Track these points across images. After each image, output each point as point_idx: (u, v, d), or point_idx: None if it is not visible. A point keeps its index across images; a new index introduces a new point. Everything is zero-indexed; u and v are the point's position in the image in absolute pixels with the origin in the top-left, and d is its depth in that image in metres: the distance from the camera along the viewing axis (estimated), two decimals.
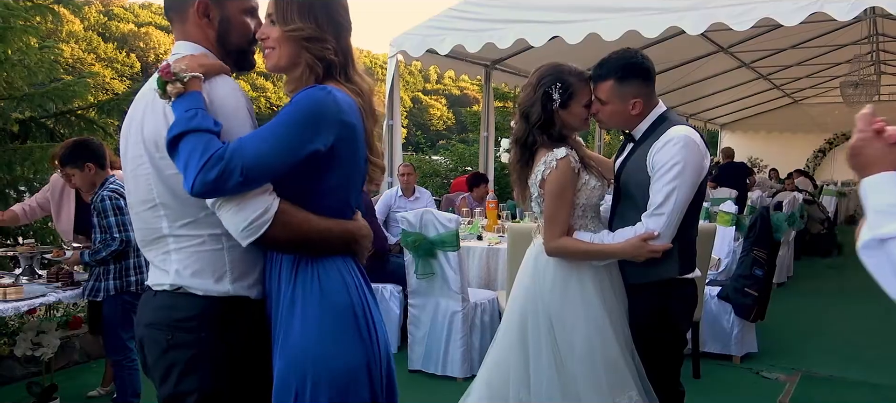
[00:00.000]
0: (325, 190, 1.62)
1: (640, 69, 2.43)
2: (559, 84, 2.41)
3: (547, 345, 2.42)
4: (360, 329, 1.61)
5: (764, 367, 4.64)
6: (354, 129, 1.62)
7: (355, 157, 1.66)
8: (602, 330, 2.37)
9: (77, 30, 44.05)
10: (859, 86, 9.64)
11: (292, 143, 1.52)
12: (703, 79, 10.73)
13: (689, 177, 2.30)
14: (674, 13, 5.35)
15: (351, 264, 1.66)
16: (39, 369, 4.17)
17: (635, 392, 2.34)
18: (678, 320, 2.47)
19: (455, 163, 14.54)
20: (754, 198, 7.57)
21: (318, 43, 1.63)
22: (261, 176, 1.50)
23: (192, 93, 1.53)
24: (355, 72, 1.70)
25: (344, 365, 1.57)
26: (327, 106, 1.56)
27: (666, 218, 2.30)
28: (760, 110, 15.83)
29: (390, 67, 6.98)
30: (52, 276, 3.68)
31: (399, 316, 4.98)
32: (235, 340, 1.62)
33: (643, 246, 2.30)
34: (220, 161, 1.44)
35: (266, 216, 1.52)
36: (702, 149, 2.35)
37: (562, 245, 2.39)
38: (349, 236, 1.65)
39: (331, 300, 1.59)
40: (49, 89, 5.29)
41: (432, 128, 51.83)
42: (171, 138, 1.49)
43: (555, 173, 2.36)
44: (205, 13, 1.69)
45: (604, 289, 2.41)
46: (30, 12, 4.96)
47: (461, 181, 8.20)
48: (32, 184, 5.32)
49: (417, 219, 4.37)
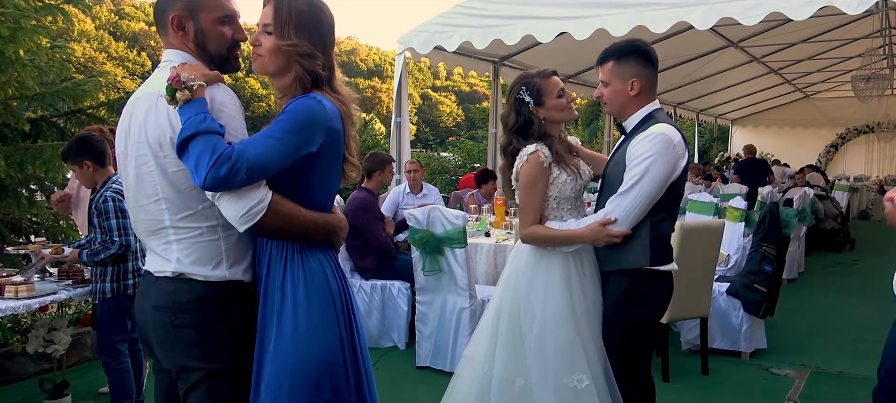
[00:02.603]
0: (311, 185, 1.83)
1: (638, 50, 2.55)
2: (525, 87, 2.62)
3: (512, 324, 2.62)
4: (338, 315, 1.83)
5: (773, 363, 4.62)
6: (339, 135, 1.85)
7: (337, 159, 1.88)
8: (557, 314, 2.52)
9: (89, 29, 44.31)
10: (871, 80, 9.56)
11: (290, 147, 1.73)
12: (714, 74, 10.68)
13: (659, 172, 2.39)
14: (682, 8, 5.33)
15: (330, 255, 1.89)
16: (51, 366, 4.21)
17: (586, 376, 2.47)
18: (646, 310, 2.52)
19: (464, 159, 14.54)
20: (764, 194, 7.51)
21: (310, 59, 1.82)
22: (261, 173, 1.71)
23: (199, 99, 1.71)
24: (338, 83, 1.90)
25: (328, 346, 1.80)
26: (319, 114, 1.79)
27: (627, 205, 2.42)
28: (771, 105, 15.75)
29: (398, 65, 6.99)
30: (63, 274, 3.71)
31: (407, 312, 4.99)
32: (233, 320, 1.82)
33: (602, 231, 2.44)
34: (228, 160, 1.64)
35: (261, 205, 1.72)
36: (678, 149, 2.43)
37: (532, 232, 2.58)
38: (329, 227, 1.87)
39: (316, 286, 1.81)
40: (60, 88, 5.34)
41: (442, 124, 51.82)
42: (182, 139, 1.67)
43: (525, 166, 2.56)
44: (180, 26, 1.85)
45: (570, 277, 2.55)
46: (40, 12, 4.99)
47: (470, 178, 8.20)
48: (43, 183, 5.36)
49: (425, 216, 4.38)
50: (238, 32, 1.90)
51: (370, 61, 64.70)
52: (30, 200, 5.27)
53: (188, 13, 1.83)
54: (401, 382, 4.37)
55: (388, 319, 5.05)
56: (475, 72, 8.26)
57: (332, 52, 1.90)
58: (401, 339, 5.01)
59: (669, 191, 2.46)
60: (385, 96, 47.34)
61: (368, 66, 63.51)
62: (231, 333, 1.81)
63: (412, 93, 41.96)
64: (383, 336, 5.05)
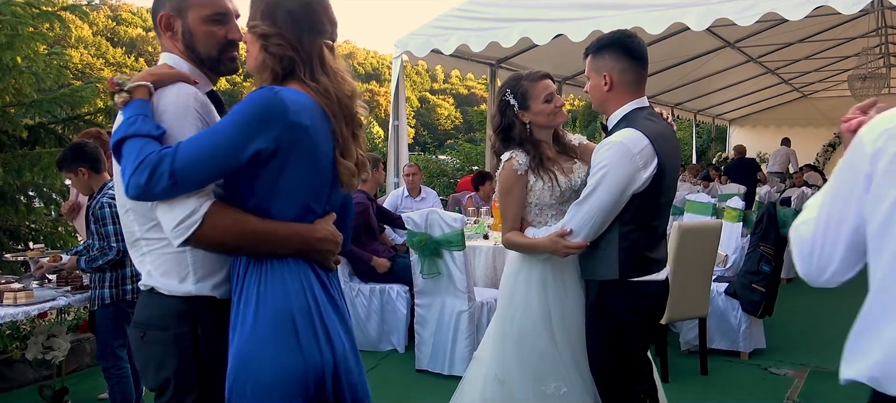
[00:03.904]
0: (277, 192, 1.60)
1: (614, 43, 2.41)
2: (510, 89, 2.60)
3: (497, 322, 2.70)
4: (300, 336, 1.56)
5: (772, 363, 4.63)
6: (307, 131, 1.58)
7: (313, 160, 1.61)
8: (535, 321, 2.54)
9: (86, 35, 44.30)
10: (868, 79, 9.56)
11: (228, 145, 1.52)
12: (711, 75, 10.70)
13: (613, 183, 2.28)
14: (678, 9, 5.35)
15: (305, 268, 1.62)
16: (50, 372, 4.21)
17: (563, 384, 2.50)
18: (619, 320, 2.40)
19: (462, 162, 14.55)
20: (762, 194, 7.53)
21: (273, 40, 1.63)
22: (192, 178, 1.51)
23: (136, 100, 1.59)
24: (324, 73, 1.66)
25: (272, 373, 1.54)
26: (272, 106, 1.54)
27: (581, 217, 2.35)
28: (769, 105, 15.74)
29: (395, 68, 7.00)
30: (62, 280, 3.71)
31: (406, 315, 4.99)
32: (199, 339, 1.65)
33: (559, 242, 2.40)
34: (150, 165, 1.48)
35: (194, 216, 1.52)
36: (639, 159, 2.27)
37: (508, 239, 2.61)
38: (299, 240, 1.61)
39: (268, 305, 1.57)
40: (57, 95, 5.34)
41: (440, 127, 51.80)
42: (113, 144, 1.55)
43: (501, 173, 2.60)
44: (168, 27, 1.74)
45: (547, 283, 2.54)
46: (37, 19, 5.00)
47: (467, 180, 8.20)
48: (42, 190, 5.37)
49: (423, 219, 4.39)
50: (232, 32, 1.75)
51: (368, 65, 64.72)
52: (28, 207, 5.27)
53: (176, 12, 1.72)
54: (400, 385, 4.37)
55: (387, 322, 5.06)
56: (472, 74, 8.26)
57: (316, 38, 1.67)
58: (400, 342, 5.01)
59: (640, 201, 2.33)
60: (383, 99, 47.33)
61: (366, 69, 63.53)
62: (197, 354, 1.65)
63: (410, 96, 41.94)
64: (382, 339, 5.06)
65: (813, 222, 1.38)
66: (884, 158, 1.23)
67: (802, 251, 1.39)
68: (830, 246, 1.34)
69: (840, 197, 1.33)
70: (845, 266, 1.34)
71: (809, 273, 1.39)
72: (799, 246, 1.40)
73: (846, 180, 1.32)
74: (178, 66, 1.74)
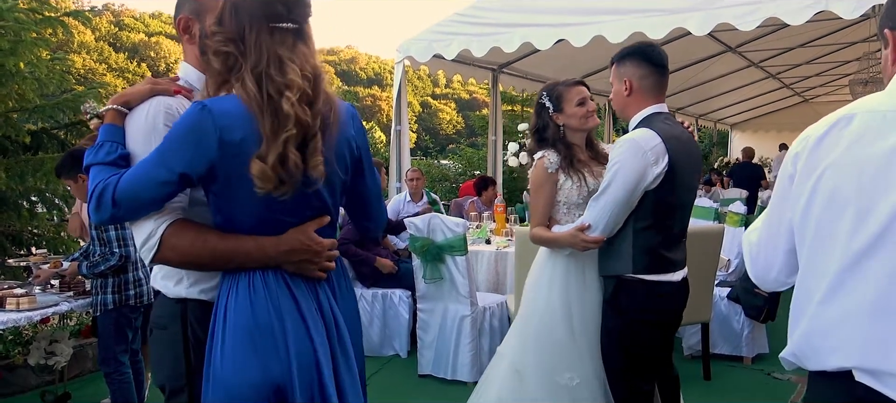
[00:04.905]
0: (234, 208, 1.54)
1: (635, 52, 2.56)
2: (547, 92, 2.79)
3: (521, 315, 2.84)
4: (257, 349, 1.51)
5: (775, 368, 4.61)
6: (240, 145, 1.46)
7: (243, 175, 1.49)
8: (554, 312, 2.67)
9: (89, 40, 44.46)
10: (869, 83, 9.55)
11: (158, 171, 1.48)
12: (713, 80, 10.69)
13: (625, 178, 2.39)
14: (679, 14, 5.35)
15: (275, 278, 1.56)
16: (53, 377, 4.21)
17: (577, 375, 2.62)
18: (631, 317, 2.49)
19: (464, 167, 14.55)
20: (764, 198, 7.53)
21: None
22: (135, 204, 1.51)
23: (105, 125, 1.61)
24: (280, 72, 1.48)
25: (230, 386, 1.50)
26: (197, 126, 1.46)
27: (598, 211, 2.46)
28: (771, 109, 15.75)
29: (397, 73, 7.01)
30: (65, 285, 3.72)
31: (408, 320, 4.99)
32: (191, 340, 1.67)
33: (578, 236, 2.51)
34: (97, 193, 1.50)
35: (152, 240, 1.53)
36: (650, 155, 2.38)
37: (535, 233, 2.74)
38: (262, 255, 1.54)
39: (231, 318, 1.53)
40: (60, 100, 5.35)
41: (442, 132, 51.85)
42: (84, 170, 1.59)
43: (533, 171, 2.76)
44: (186, 29, 1.70)
45: (569, 278, 2.67)
46: (40, 25, 5.01)
47: (469, 185, 8.21)
48: (44, 195, 5.37)
49: (425, 224, 4.39)
50: None
51: (370, 70, 64.85)
52: (31, 212, 5.27)
53: (194, 15, 1.67)
54: (402, 390, 4.37)
55: (390, 327, 5.05)
56: (474, 79, 8.27)
57: (263, 31, 1.50)
58: (402, 347, 5.00)
59: (652, 199, 2.43)
60: (385, 104, 47.38)
61: (368, 74, 63.65)
62: (187, 356, 1.67)
63: (412, 102, 42.06)
64: (385, 344, 5.05)
65: (759, 228, 1.53)
66: (801, 158, 1.36)
67: (751, 255, 1.54)
68: (773, 250, 1.47)
69: (776, 202, 1.46)
70: (789, 267, 1.45)
71: (757, 275, 1.54)
72: (748, 250, 1.56)
73: (781, 187, 1.44)
74: (187, 76, 1.73)
